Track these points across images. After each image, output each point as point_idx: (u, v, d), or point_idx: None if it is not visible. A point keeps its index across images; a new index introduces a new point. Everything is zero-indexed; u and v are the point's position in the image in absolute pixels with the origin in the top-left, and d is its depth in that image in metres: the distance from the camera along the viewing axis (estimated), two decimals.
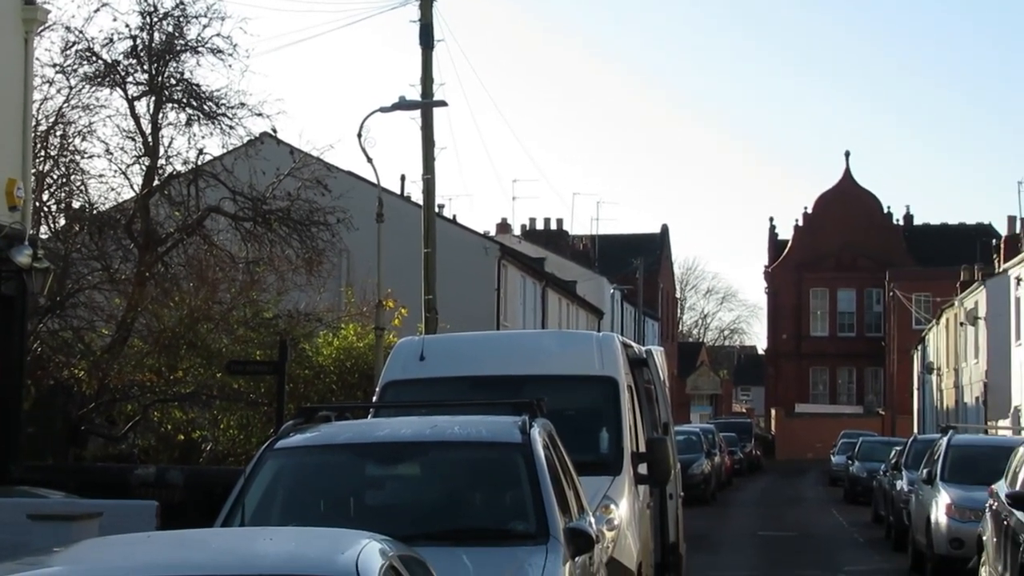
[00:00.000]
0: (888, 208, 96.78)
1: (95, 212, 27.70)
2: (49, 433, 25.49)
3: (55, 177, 27.51)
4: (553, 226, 78.92)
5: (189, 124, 27.93)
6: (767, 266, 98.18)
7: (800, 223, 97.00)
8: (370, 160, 27.73)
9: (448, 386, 13.62)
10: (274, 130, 29.16)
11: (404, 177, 55.56)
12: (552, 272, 59.59)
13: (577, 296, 61.53)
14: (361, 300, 31.96)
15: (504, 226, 72.85)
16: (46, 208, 27.16)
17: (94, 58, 27.42)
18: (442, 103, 28.54)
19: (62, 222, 27.93)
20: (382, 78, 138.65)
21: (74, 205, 27.91)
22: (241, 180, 28.06)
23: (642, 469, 13.44)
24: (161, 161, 27.87)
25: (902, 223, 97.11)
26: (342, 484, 10.06)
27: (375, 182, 28.63)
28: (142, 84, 27.72)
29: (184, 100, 27.99)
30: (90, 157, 27.98)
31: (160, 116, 27.80)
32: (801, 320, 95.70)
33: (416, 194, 41.20)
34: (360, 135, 27.28)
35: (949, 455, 22.70)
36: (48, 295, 23.04)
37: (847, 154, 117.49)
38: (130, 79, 27.63)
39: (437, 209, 32.69)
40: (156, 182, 27.77)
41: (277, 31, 63.60)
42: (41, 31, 24.22)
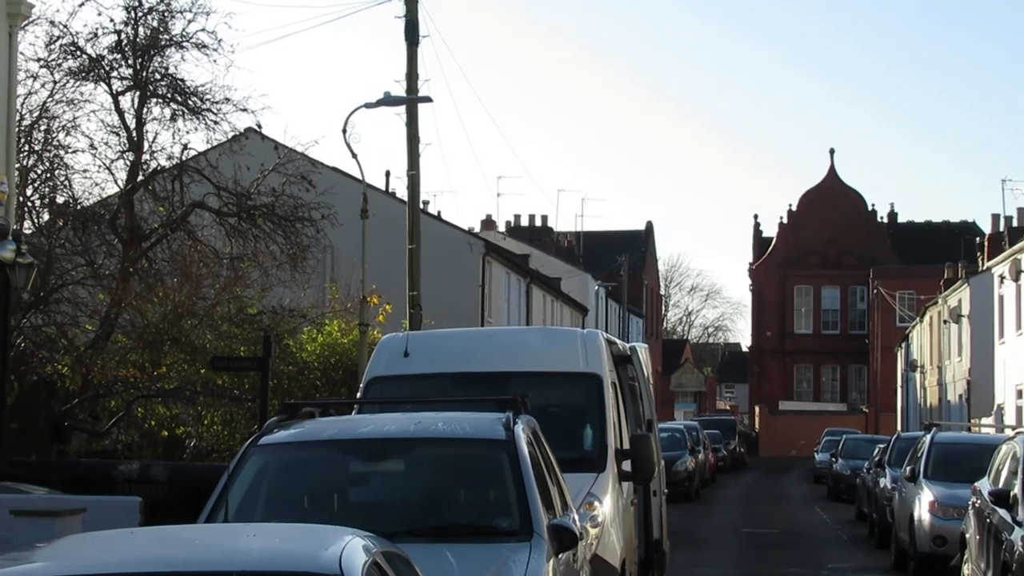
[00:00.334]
0: (872, 206, 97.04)
1: (79, 207, 27.59)
2: (32, 429, 25.37)
3: (39, 172, 27.40)
4: (538, 223, 78.88)
5: (174, 119, 27.86)
6: (751, 263, 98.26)
7: (785, 220, 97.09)
8: (355, 156, 27.79)
9: (432, 382, 13.62)
10: (259, 126, 29.09)
11: (389, 173, 55.72)
12: (537, 269, 59.60)
13: (561, 293, 61.53)
14: (345, 296, 31.96)
15: (489, 222, 72.78)
16: (30, 203, 27.07)
17: (79, 53, 27.33)
18: (427, 99, 28.53)
19: (46, 217, 27.82)
20: (367, 74, 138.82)
21: (58, 200, 27.78)
22: (226, 176, 27.97)
23: (626, 466, 13.42)
24: (145, 156, 27.79)
25: (886, 221, 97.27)
26: (326, 480, 10.04)
27: (360, 178, 28.63)
28: (127, 79, 27.63)
29: (169, 95, 27.90)
30: (74, 152, 27.93)
31: (144, 111, 27.71)
32: (785, 317, 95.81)
33: (401, 190, 41.21)
34: (345, 131, 27.32)
35: (932, 453, 22.74)
36: (31, 290, 22.94)
37: (832, 151, 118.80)
38: (115, 74, 27.55)
39: (422, 205, 32.67)
40: (140, 177, 27.68)
41: (262, 26, 63.44)
42: (25, 25, 24.13)
